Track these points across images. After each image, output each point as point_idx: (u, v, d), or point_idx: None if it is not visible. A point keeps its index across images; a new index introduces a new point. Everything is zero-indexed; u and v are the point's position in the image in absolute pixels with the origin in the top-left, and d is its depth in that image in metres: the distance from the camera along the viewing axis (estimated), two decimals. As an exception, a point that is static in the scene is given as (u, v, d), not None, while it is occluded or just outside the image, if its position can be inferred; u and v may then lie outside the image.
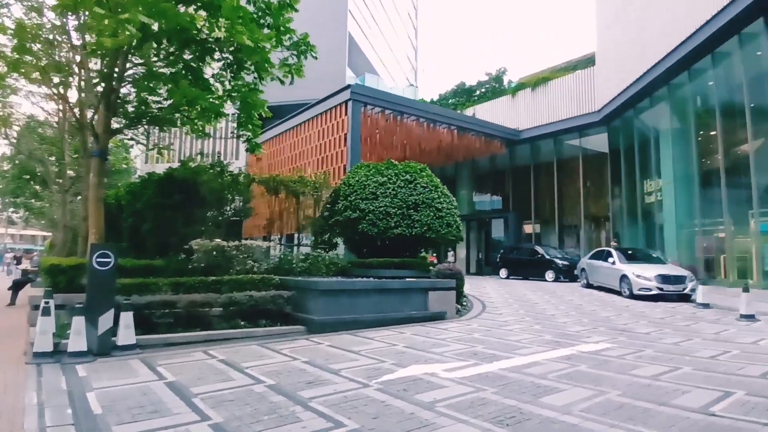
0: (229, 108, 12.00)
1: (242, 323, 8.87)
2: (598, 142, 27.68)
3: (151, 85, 10.17)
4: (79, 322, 6.64)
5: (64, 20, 12.13)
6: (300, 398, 4.80)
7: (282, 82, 11.05)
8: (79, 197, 22.38)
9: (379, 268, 12.32)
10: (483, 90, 36.28)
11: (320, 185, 13.35)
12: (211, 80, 11.51)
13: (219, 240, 10.41)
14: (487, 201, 34.57)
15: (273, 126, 27.09)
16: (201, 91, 9.87)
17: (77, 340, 6.60)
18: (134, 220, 13.01)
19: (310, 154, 24.03)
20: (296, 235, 13.47)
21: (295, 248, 13.98)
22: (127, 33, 8.00)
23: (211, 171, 12.51)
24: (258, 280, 9.96)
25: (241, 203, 12.83)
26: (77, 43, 12.30)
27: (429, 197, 13.08)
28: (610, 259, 17.36)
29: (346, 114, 22.08)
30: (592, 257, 19.16)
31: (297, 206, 13.18)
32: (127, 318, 7.18)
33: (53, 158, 22.56)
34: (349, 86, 22.25)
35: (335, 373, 5.93)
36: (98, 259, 7.08)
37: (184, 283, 9.17)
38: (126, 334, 7.15)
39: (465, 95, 36.14)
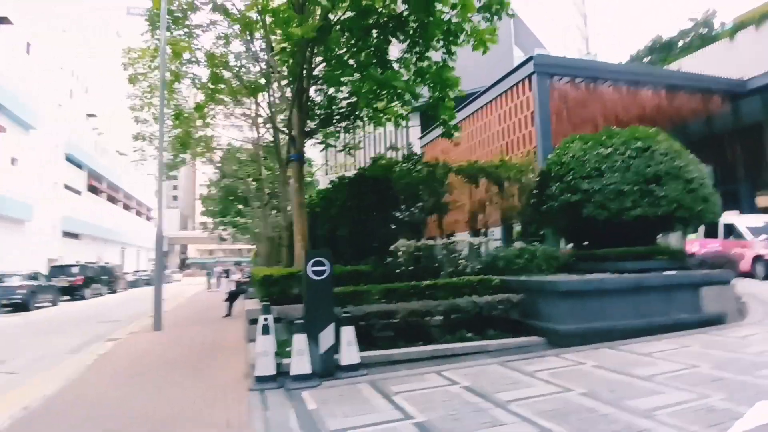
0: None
1: (468, 335, 7.38)
2: None
3: (340, 77, 9.39)
4: (301, 341, 5.76)
5: (250, 43, 12.27)
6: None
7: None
8: (275, 211, 23.90)
9: (615, 260, 9.85)
10: (687, 40, 30.15)
11: (525, 169, 11.41)
12: (396, 66, 10.43)
13: (425, 239, 9.13)
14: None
15: (435, 126, 25.81)
16: (392, 72, 8.74)
17: (300, 361, 5.72)
18: (330, 226, 12.57)
19: (490, 142, 22.09)
20: (506, 229, 11.73)
21: (502, 243, 12.17)
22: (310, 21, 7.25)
23: (405, 165, 11.42)
24: (476, 281, 8.43)
25: (435, 197, 11.51)
26: (263, 65, 12.42)
27: (673, 166, 10.16)
28: None
29: (530, 90, 19.65)
30: None
31: (501, 195, 11.44)
32: (348, 333, 6.16)
33: (251, 179, 24.42)
34: (531, 58, 19.79)
35: (648, 416, 3.97)
36: (314, 268, 6.18)
37: (396, 290, 8.04)
38: (349, 352, 6.12)
39: (664, 50, 30.40)
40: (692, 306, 8.06)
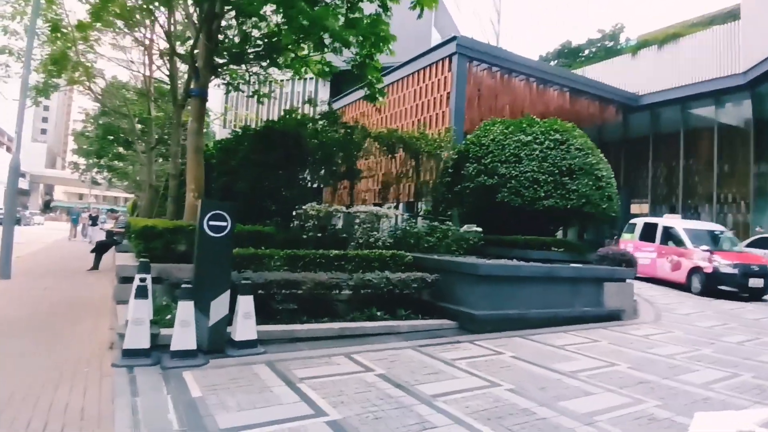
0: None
1: (378, 313, 6.75)
2: (739, 111, 23.33)
3: (261, 5, 8.02)
4: (186, 309, 4.68)
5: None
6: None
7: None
8: (161, 159, 21.39)
9: (523, 247, 9.86)
10: (593, 49, 32.06)
11: (445, 145, 10.97)
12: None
13: (338, 205, 8.30)
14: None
15: (358, 88, 24.82)
16: (325, 9, 7.66)
17: (184, 335, 4.65)
18: (227, 180, 11.21)
19: (404, 116, 21.59)
20: (417, 204, 11.22)
21: (415, 219, 11.65)
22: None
23: (321, 123, 10.40)
24: (388, 256, 7.82)
25: (349, 162, 10.68)
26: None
27: (587, 162, 10.36)
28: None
29: (450, 70, 19.41)
30: (754, 246, 15.63)
31: (417, 169, 10.90)
32: (246, 304, 5.18)
33: (137, 119, 21.55)
34: (455, 37, 19.49)
35: (590, 423, 3.59)
36: (212, 222, 5.07)
37: (301, 258, 7.16)
38: (245, 327, 5.16)
39: (571, 56, 32.12)
40: (596, 300, 8.18)
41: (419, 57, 20.94)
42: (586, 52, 32.00)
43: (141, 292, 4.65)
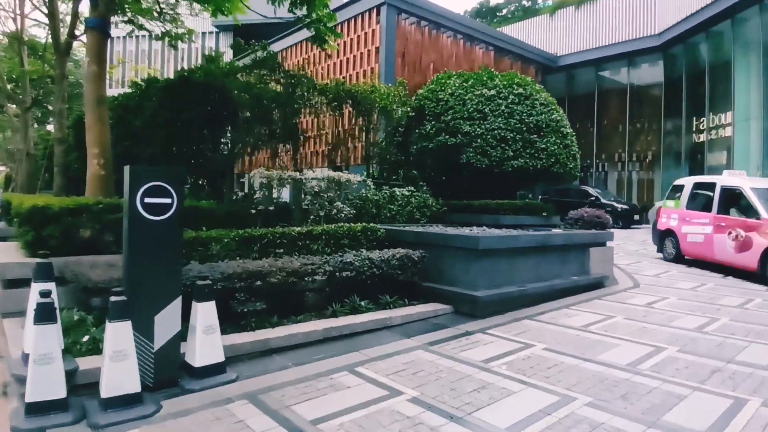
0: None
1: (360, 303, 5.45)
2: (652, 72, 24.28)
3: None
4: (121, 335, 3.06)
5: None
6: None
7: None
8: (36, 125, 17.86)
9: (494, 213, 8.96)
10: (511, 8, 31.78)
11: (401, 100, 9.61)
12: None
13: (292, 171, 6.76)
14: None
15: (278, 38, 22.38)
16: None
17: (120, 371, 3.05)
18: (128, 143, 9.09)
19: (330, 73, 19.79)
20: (369, 168, 9.78)
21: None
22: None
23: (258, 72, 8.56)
24: (359, 231, 6.50)
25: (290, 120, 9.02)
26: None
27: (552, 119, 9.58)
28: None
29: (377, 23, 17.90)
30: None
31: (368, 127, 9.48)
32: (207, 313, 3.64)
33: (5, 76, 17.63)
34: (384, -15, 17.88)
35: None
36: (148, 200, 3.42)
37: (259, 239, 5.60)
38: (208, 346, 3.63)
39: (489, 15, 31.62)
40: (582, 268, 7.50)
41: (345, 5, 19.11)
42: (504, 11, 31.77)
43: (45, 314, 2.93)
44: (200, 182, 9.17)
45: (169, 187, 3.52)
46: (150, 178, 3.46)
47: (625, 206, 20.06)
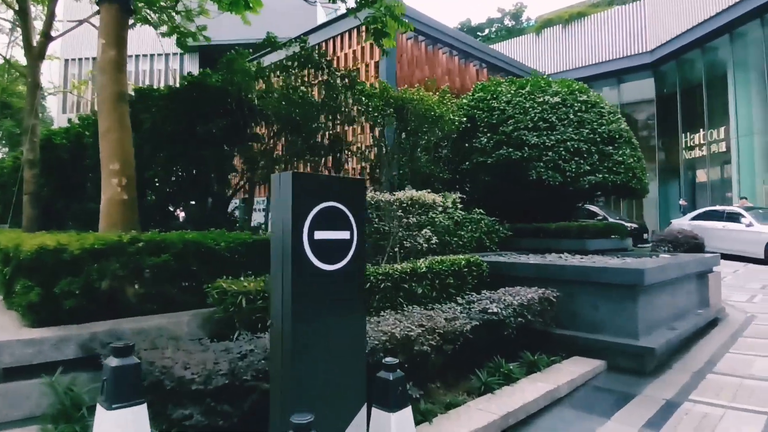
0: None
1: (509, 367, 3.98)
2: (642, 89, 24.18)
3: None
4: None
5: None
6: None
7: None
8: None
9: (577, 237, 7.71)
10: (494, 28, 31.44)
11: (450, 107, 8.25)
12: None
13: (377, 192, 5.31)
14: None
15: (261, 54, 20.83)
16: None
17: None
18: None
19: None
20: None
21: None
22: None
23: (295, 72, 7.07)
24: (464, 266, 5.07)
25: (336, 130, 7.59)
26: None
27: (623, 128, 8.51)
28: (743, 220, 13.78)
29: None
30: (700, 219, 15.58)
31: (414, 141, 8.07)
32: (403, 425, 2.12)
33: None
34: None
35: None
36: (319, 235, 1.91)
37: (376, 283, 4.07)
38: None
39: (471, 35, 31.16)
40: (702, 298, 6.30)
41: (344, 16, 17.88)
42: (486, 31, 31.43)
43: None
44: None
45: (347, 212, 2.02)
46: (322, 193, 1.95)
47: (634, 224, 19.39)
